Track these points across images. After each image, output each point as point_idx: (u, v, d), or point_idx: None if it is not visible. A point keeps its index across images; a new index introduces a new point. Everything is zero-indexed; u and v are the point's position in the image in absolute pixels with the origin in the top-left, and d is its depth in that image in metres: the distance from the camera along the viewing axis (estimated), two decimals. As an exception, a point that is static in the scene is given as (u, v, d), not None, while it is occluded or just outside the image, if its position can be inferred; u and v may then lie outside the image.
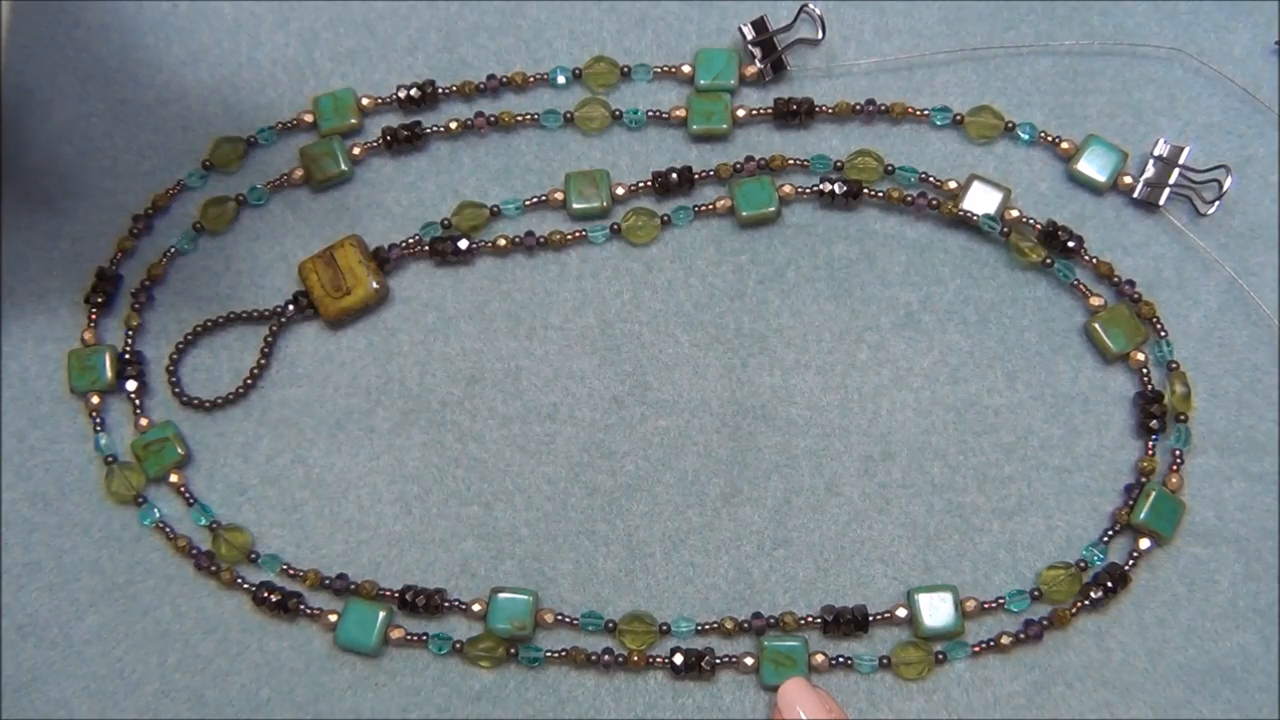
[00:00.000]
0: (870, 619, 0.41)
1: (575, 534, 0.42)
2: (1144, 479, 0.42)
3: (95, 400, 0.43)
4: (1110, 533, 0.42)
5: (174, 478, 0.42)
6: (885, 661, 0.40)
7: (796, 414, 0.43)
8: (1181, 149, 0.44)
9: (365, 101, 0.45)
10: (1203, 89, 0.45)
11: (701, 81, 0.45)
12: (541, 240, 0.44)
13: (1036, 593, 0.41)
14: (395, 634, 0.41)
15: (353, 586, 0.41)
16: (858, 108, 0.45)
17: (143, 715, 0.40)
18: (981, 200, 0.43)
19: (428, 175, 0.45)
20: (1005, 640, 0.41)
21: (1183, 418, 0.42)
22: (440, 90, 0.45)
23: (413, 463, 0.43)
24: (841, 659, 0.40)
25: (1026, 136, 0.45)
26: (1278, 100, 0.45)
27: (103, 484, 0.42)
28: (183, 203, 0.45)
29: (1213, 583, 0.41)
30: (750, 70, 0.45)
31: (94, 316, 0.43)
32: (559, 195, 0.44)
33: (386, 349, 0.44)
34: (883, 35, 0.46)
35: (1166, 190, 0.44)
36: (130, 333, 0.43)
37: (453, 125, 0.45)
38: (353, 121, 0.45)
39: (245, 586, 0.41)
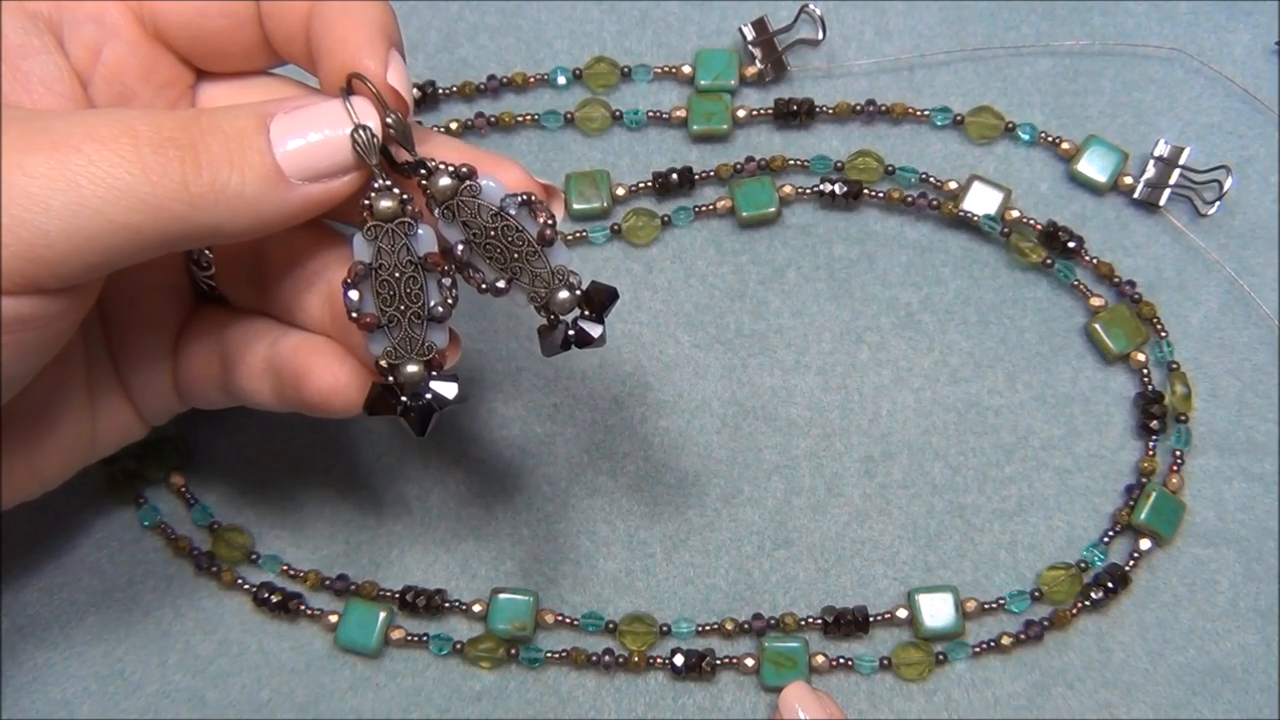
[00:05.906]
0: (871, 620, 0.41)
1: (575, 534, 0.42)
2: (1144, 479, 0.42)
3: (95, 400, 0.43)
4: (1111, 533, 0.42)
5: (174, 478, 0.42)
6: (886, 662, 0.40)
7: (797, 414, 0.43)
8: (1182, 149, 0.44)
9: (365, 102, 0.45)
10: (1203, 89, 0.45)
11: (702, 82, 0.45)
12: (542, 240, 0.44)
13: (1037, 593, 0.41)
14: (395, 634, 0.41)
15: (353, 587, 0.41)
16: (858, 108, 0.45)
17: (143, 715, 0.40)
18: (982, 201, 0.43)
19: (428, 175, 0.45)
20: (1006, 641, 0.41)
21: (1183, 418, 0.42)
22: (440, 90, 0.45)
23: (413, 463, 0.42)
24: (842, 660, 0.40)
25: (1027, 137, 0.44)
26: (1278, 100, 0.45)
27: (103, 484, 0.42)
28: (183, 203, 0.45)
29: (1213, 583, 0.41)
30: (750, 70, 0.45)
31: (94, 317, 0.43)
32: (559, 195, 0.44)
33: (387, 349, 0.43)
34: (883, 35, 0.46)
35: (1167, 191, 0.44)
36: (130, 333, 0.43)
37: (453, 125, 0.45)
38: (353, 122, 0.45)
39: (245, 587, 0.41)
